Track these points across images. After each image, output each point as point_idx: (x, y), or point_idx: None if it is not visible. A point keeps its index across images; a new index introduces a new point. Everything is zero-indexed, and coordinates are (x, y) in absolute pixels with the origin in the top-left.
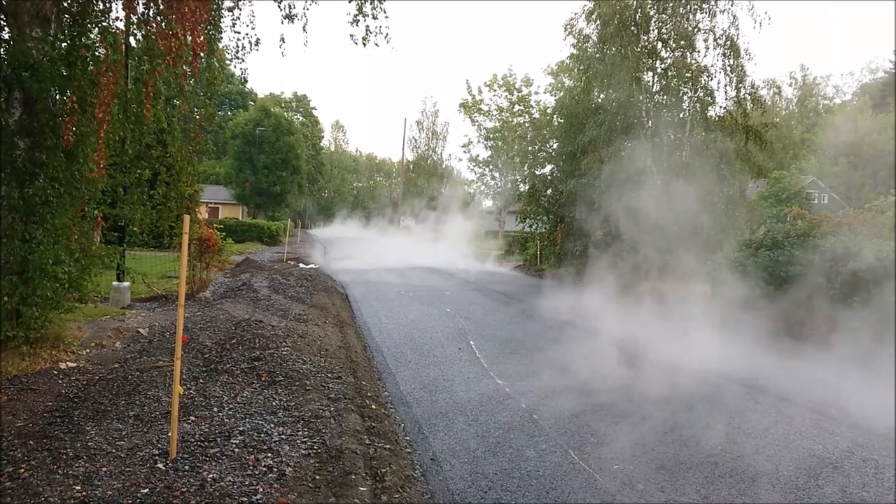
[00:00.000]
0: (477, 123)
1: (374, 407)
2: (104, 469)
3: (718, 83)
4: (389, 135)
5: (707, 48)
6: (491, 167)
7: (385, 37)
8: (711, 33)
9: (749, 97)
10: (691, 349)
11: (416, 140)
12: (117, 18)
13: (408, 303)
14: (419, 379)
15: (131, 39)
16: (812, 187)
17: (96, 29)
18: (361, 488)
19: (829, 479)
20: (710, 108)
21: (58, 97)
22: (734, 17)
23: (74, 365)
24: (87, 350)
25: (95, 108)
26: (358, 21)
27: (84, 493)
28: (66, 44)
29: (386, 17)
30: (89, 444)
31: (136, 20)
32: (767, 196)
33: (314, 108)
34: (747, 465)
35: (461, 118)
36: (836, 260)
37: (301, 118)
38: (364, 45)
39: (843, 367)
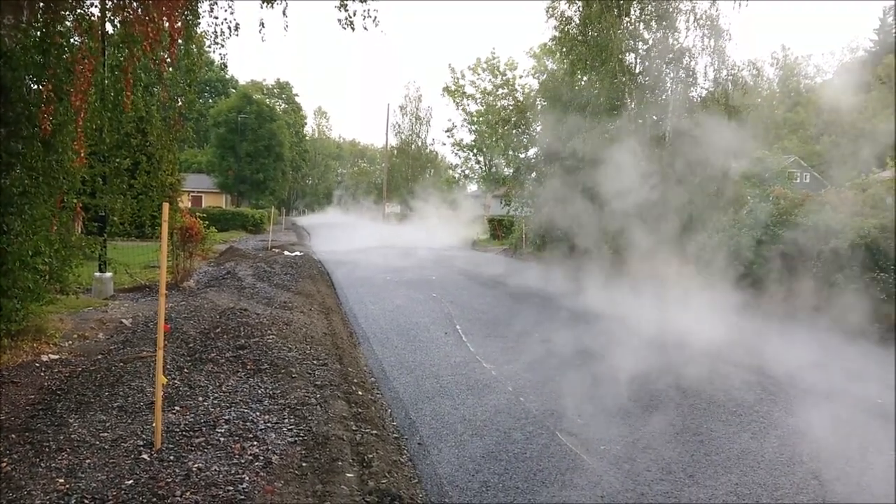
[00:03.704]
0: (461, 107)
1: (360, 393)
2: (88, 461)
3: (699, 64)
4: (372, 120)
5: (688, 29)
6: (475, 151)
7: (374, 20)
8: (692, 14)
9: (730, 78)
10: (674, 327)
11: (399, 125)
12: (92, 4)
13: (394, 288)
14: (406, 364)
15: (108, 26)
16: (794, 167)
17: (71, 16)
18: (348, 474)
19: (813, 455)
20: (691, 88)
21: (33, 86)
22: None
23: (57, 357)
24: (70, 342)
25: (72, 96)
26: (346, 5)
27: (67, 486)
28: (39, 31)
29: None
30: (72, 436)
31: (111, 6)
32: (751, 176)
33: (296, 95)
34: (732, 443)
35: (445, 102)
36: (818, 238)
37: (283, 105)
38: (352, 29)
39: (831, 344)
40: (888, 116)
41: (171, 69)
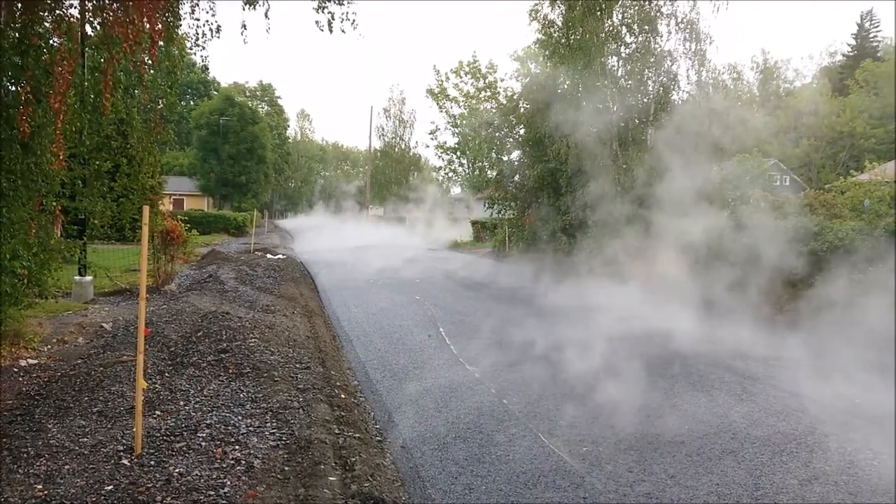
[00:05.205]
0: (444, 110)
1: (343, 396)
2: (67, 467)
3: (680, 67)
4: (355, 123)
5: (669, 32)
6: (458, 154)
7: (352, 23)
8: (673, 17)
9: (711, 81)
10: (651, 325)
11: (383, 128)
12: (71, 5)
13: (377, 291)
14: (389, 367)
15: (87, 27)
16: (774, 169)
17: (49, 17)
18: (331, 478)
19: (792, 454)
20: (673, 92)
21: (11, 87)
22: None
23: (35, 362)
24: (49, 346)
25: (51, 98)
26: (324, 7)
27: (46, 492)
28: (17, 32)
29: (350, 1)
30: (51, 441)
31: (91, 7)
32: (731, 178)
33: (279, 97)
34: (713, 444)
35: (428, 105)
36: (797, 240)
37: (266, 107)
38: (330, 31)
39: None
40: (866, 120)
41: (151, 71)
